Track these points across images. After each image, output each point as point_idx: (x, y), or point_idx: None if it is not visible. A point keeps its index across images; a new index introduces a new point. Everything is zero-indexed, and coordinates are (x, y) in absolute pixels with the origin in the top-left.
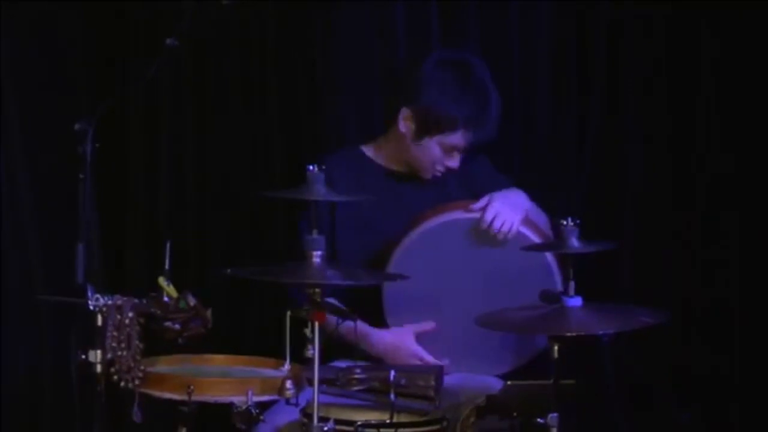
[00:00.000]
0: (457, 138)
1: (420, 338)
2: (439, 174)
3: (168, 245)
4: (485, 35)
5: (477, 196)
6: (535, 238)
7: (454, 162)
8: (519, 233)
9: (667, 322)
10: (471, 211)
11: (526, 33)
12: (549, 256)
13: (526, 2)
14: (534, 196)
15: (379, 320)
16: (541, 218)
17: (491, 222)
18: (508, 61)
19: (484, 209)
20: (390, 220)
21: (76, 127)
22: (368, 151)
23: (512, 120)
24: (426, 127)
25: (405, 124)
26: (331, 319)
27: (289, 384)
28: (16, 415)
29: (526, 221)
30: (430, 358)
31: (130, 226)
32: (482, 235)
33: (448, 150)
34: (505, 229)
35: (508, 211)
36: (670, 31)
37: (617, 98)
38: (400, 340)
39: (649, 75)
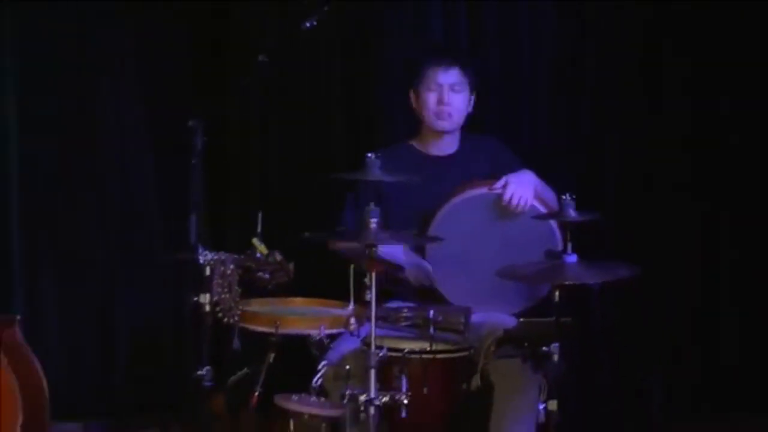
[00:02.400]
0: (434, 76)
1: (453, 287)
2: (448, 113)
3: (260, 215)
4: (502, 34)
5: (496, 174)
6: (543, 209)
7: (448, 98)
8: (532, 206)
9: (637, 275)
10: (493, 189)
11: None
12: (552, 223)
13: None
14: (541, 174)
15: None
16: (549, 193)
17: (509, 200)
18: (517, 58)
19: (504, 188)
20: (429, 195)
21: (190, 123)
22: (414, 143)
23: (520, 110)
24: (413, 85)
25: (412, 99)
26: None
27: (352, 320)
28: (145, 347)
29: (536, 196)
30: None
31: (230, 200)
32: (501, 208)
33: (436, 90)
34: (521, 204)
35: (523, 189)
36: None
37: (603, 94)
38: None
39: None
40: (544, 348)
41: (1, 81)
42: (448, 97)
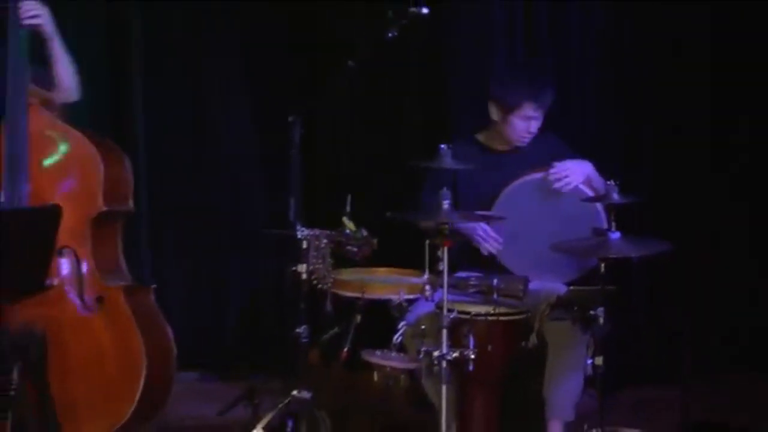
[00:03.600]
0: (528, 110)
1: (514, 259)
2: (527, 139)
3: (349, 197)
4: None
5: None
6: (590, 193)
7: (533, 128)
8: (578, 189)
9: (670, 249)
10: (547, 174)
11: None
12: (599, 205)
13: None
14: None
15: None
16: (601, 182)
17: (556, 179)
18: (567, 55)
19: (556, 173)
20: (492, 182)
21: (289, 119)
22: (480, 137)
23: (572, 105)
24: (504, 110)
25: (493, 112)
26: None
27: (427, 287)
28: (251, 308)
29: (587, 182)
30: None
31: (323, 184)
32: (553, 191)
33: (526, 120)
34: (563, 184)
35: (571, 173)
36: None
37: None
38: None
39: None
40: (591, 311)
41: (130, 82)
42: (532, 127)
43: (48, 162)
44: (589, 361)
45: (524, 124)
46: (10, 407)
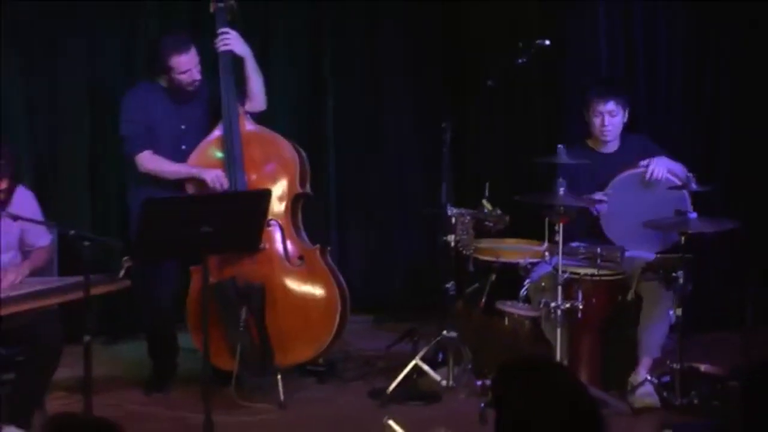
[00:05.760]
0: (597, 106)
1: (614, 233)
2: (606, 133)
3: (486, 184)
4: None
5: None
6: (676, 181)
7: (607, 122)
8: (667, 179)
9: (738, 227)
10: (642, 170)
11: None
12: (683, 192)
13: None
14: (672, 153)
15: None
16: (678, 169)
17: (649, 174)
18: (656, 61)
19: (647, 167)
20: (598, 177)
21: (443, 125)
22: (588, 141)
23: (659, 106)
24: (586, 111)
25: (585, 115)
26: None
27: (546, 254)
28: (412, 269)
29: (670, 172)
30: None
31: (468, 175)
32: (646, 181)
33: (599, 115)
34: (654, 176)
35: (658, 168)
36: None
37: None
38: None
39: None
40: (674, 274)
41: (325, 90)
42: (606, 122)
43: (258, 157)
44: (672, 312)
45: (597, 119)
46: (239, 339)
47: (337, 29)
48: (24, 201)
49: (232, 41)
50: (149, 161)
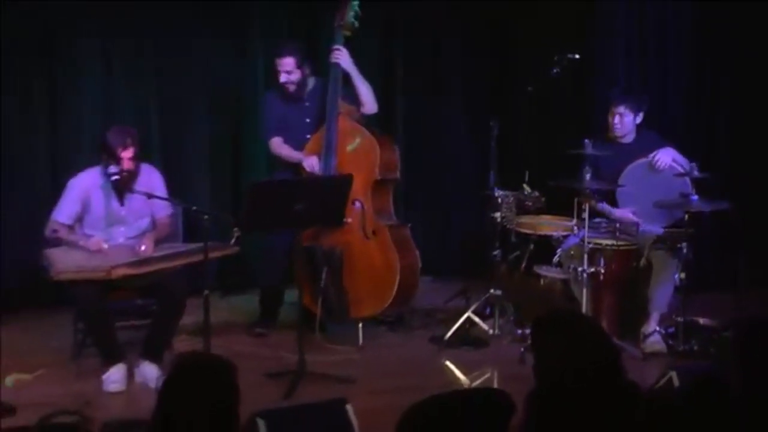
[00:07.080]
0: (614, 108)
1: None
2: (618, 129)
3: (526, 172)
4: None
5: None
6: (680, 169)
7: (618, 121)
8: (672, 167)
9: (733, 207)
10: (651, 159)
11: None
12: (686, 178)
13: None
14: (677, 145)
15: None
16: (682, 160)
17: (657, 163)
18: (665, 60)
19: (654, 157)
20: (618, 164)
21: (491, 123)
22: (610, 134)
23: (666, 101)
24: (607, 110)
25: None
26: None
27: (575, 228)
28: (465, 240)
29: (675, 161)
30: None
31: (512, 163)
32: (654, 169)
33: (614, 115)
34: (660, 164)
35: (664, 157)
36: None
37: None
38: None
39: None
40: (678, 245)
41: (394, 97)
42: (617, 120)
43: (348, 148)
44: (677, 276)
45: (611, 118)
46: (320, 293)
47: (406, 32)
48: (151, 175)
49: (341, 57)
50: (276, 146)
